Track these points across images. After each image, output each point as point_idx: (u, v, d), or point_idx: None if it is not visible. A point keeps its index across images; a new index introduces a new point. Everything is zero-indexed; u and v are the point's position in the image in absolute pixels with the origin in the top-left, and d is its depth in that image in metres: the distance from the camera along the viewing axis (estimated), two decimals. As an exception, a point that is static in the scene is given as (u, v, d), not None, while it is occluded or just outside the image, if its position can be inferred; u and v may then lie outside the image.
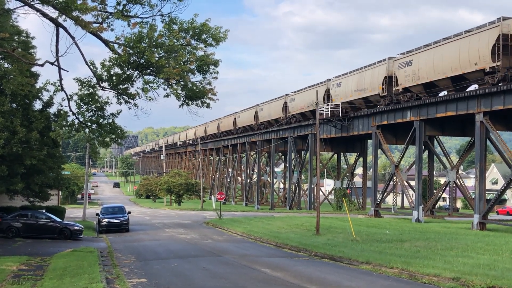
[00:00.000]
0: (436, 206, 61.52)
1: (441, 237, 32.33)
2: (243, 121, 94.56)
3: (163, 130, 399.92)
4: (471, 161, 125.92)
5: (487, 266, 20.45)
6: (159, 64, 21.53)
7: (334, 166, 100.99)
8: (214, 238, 37.04)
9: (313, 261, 25.34)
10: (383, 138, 56.40)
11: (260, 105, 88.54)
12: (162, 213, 69.32)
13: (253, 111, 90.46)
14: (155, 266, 22.53)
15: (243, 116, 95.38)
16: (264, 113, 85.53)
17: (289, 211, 71.89)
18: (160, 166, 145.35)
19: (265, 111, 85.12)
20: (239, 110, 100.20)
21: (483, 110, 42.13)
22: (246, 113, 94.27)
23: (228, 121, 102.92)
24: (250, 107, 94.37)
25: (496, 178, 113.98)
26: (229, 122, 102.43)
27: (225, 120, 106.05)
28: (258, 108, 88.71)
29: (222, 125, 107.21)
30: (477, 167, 44.11)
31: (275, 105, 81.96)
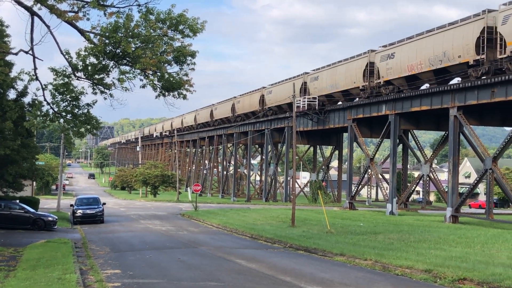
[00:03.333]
0: (409, 199, 62.23)
1: (414, 229, 32.72)
2: (220, 113, 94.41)
3: (139, 122, 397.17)
4: (444, 155, 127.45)
5: (459, 258, 20.76)
6: (135, 54, 21.43)
7: (310, 159, 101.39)
8: (190, 229, 37.01)
9: (288, 252, 25.47)
10: (359, 132, 56.79)
11: (237, 98, 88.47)
12: (138, 205, 69.01)
13: (230, 103, 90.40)
14: (130, 258, 22.46)
15: (220, 108, 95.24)
16: (241, 105, 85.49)
17: (265, 203, 72.08)
18: (136, 157, 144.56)
19: (242, 103, 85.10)
20: (216, 102, 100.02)
21: (457, 105, 42.64)
22: (223, 105, 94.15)
23: (205, 113, 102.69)
24: (227, 99, 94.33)
25: (469, 172, 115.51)
26: (206, 114, 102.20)
27: (202, 112, 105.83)
28: (235, 101, 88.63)
29: (199, 117, 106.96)
30: (450, 161, 44.68)
31: (252, 98, 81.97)
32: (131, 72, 22.60)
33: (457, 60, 41.71)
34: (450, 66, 42.85)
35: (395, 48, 49.68)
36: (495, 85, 38.73)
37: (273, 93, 74.40)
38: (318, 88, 62.52)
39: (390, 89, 50.66)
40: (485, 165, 41.23)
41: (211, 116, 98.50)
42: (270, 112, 75.48)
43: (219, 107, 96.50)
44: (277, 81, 76.21)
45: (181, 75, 23.34)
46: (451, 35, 42.75)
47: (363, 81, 53.71)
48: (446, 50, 42.69)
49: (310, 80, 64.73)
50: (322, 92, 61.57)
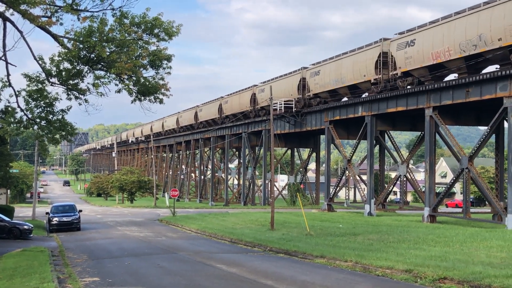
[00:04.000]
0: (387, 200, 62.59)
1: (393, 230, 32.84)
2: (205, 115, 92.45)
3: (114, 127, 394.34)
4: (420, 155, 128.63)
5: (439, 257, 20.84)
6: (110, 59, 21.16)
7: (287, 162, 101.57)
8: (168, 235, 36.71)
9: (268, 256, 25.38)
10: (336, 133, 56.97)
11: (225, 98, 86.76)
12: (114, 211, 68.36)
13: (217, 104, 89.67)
14: (108, 265, 22.15)
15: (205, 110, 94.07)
16: (228, 106, 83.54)
17: (244, 207, 71.94)
18: (112, 163, 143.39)
19: (229, 104, 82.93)
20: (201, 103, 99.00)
21: (432, 105, 42.98)
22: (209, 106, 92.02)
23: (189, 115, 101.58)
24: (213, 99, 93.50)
25: (445, 171, 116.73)
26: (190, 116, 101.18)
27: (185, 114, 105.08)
28: (222, 101, 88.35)
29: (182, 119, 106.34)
30: (427, 161, 45.01)
31: (239, 98, 79.03)
32: (106, 77, 22.32)
33: (496, 44, 36.09)
34: (488, 51, 37.25)
35: (416, 34, 44.38)
36: (470, 85, 39.12)
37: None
38: (320, 84, 58.20)
39: (409, 81, 45.70)
40: (462, 165, 41.59)
41: (195, 118, 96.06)
42: (262, 113, 72.93)
43: (204, 108, 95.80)
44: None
45: (157, 79, 23.13)
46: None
47: (375, 73, 48.52)
48: (482, 33, 37.13)
49: (310, 76, 59.57)
50: (325, 88, 57.23)
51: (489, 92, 37.66)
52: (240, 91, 79.12)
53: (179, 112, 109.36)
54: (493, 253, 21.59)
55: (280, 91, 63.90)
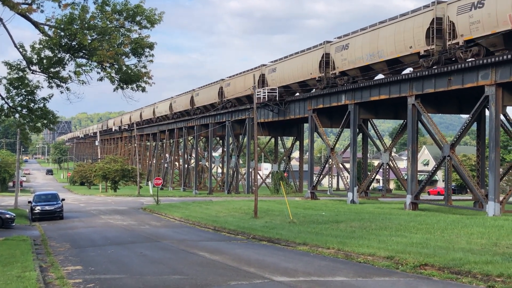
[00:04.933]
0: (370, 188, 62.98)
1: (375, 217, 33.10)
2: (180, 106, 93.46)
3: (98, 116, 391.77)
4: (403, 144, 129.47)
5: (420, 244, 21.06)
6: (92, 46, 21.05)
7: (271, 150, 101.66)
8: (152, 223, 36.69)
9: (252, 243, 25.48)
10: (319, 122, 57.13)
11: (196, 90, 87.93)
12: (98, 200, 68.12)
13: (189, 96, 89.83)
14: (91, 253, 22.11)
15: (180, 101, 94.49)
16: (200, 98, 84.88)
17: (227, 195, 72.02)
18: (95, 152, 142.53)
19: (201, 96, 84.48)
20: (176, 95, 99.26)
21: (415, 94, 43.23)
22: (182, 98, 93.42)
23: (165, 106, 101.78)
24: (186, 91, 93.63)
25: (427, 159, 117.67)
26: (165, 107, 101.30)
27: (161, 105, 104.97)
28: (194, 93, 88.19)
29: (158, 110, 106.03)
30: (409, 149, 45.34)
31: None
32: (88, 64, 22.22)
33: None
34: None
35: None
36: (452, 73, 39.39)
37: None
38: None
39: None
40: (444, 152, 41.95)
41: (170, 109, 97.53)
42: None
43: (178, 100, 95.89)
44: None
45: (140, 67, 23.07)
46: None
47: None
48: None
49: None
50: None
51: (471, 80, 37.95)
52: (246, 72, 72.24)
53: (155, 103, 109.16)
54: (473, 240, 21.87)
55: (297, 70, 59.30)
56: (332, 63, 52.15)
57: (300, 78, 57.96)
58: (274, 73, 63.08)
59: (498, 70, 35.80)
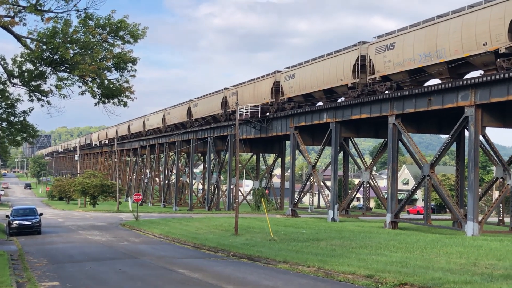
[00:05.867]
0: (350, 206, 63.09)
1: (356, 235, 33.14)
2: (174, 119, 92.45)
3: (78, 130, 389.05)
4: (383, 162, 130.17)
5: (400, 263, 21.10)
6: (74, 60, 20.95)
7: (253, 167, 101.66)
8: (131, 240, 36.34)
9: (232, 261, 25.34)
10: (301, 139, 57.29)
11: (168, 109, 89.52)
12: (76, 215, 67.37)
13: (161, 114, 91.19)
14: (69, 269, 21.82)
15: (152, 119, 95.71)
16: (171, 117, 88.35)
17: (208, 212, 71.67)
18: (74, 167, 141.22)
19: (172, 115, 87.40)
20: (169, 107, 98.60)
21: (395, 113, 43.59)
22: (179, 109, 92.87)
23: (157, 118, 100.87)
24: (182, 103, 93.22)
25: (407, 178, 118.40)
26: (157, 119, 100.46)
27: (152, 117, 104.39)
28: (165, 112, 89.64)
29: (132, 127, 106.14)
30: (389, 167, 45.58)
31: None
32: (69, 78, 22.10)
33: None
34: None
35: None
36: (432, 94, 39.82)
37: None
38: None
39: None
40: (423, 172, 42.24)
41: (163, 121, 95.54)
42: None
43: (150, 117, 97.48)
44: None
45: (122, 82, 23.00)
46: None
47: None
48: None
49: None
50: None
51: (451, 101, 38.39)
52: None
53: (146, 115, 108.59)
54: (452, 260, 21.97)
55: (322, 76, 55.92)
56: (370, 66, 45.86)
57: (327, 86, 51.50)
58: (292, 79, 57.42)
59: (478, 91, 36.26)
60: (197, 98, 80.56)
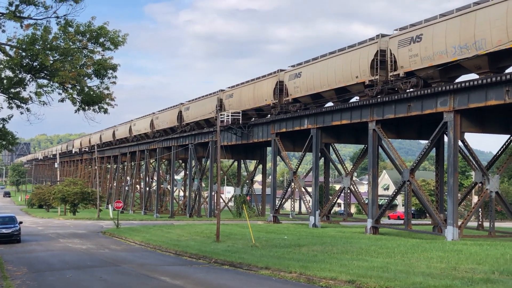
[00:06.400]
0: (331, 212, 63.32)
1: (337, 241, 33.25)
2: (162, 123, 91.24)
3: (58, 137, 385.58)
4: (364, 168, 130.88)
5: (381, 268, 21.22)
6: (53, 67, 20.83)
7: (234, 173, 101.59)
8: (112, 247, 36.09)
9: (213, 268, 25.29)
10: (282, 146, 57.41)
11: (156, 114, 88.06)
12: (56, 223, 66.72)
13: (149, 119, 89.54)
14: (49, 278, 21.61)
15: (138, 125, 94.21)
16: (159, 122, 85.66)
17: (189, 219, 71.44)
18: (54, 174, 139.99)
19: (161, 119, 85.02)
20: (135, 118, 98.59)
21: (375, 119, 43.90)
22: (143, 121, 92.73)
23: (125, 129, 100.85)
24: (146, 115, 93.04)
25: (388, 184, 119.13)
26: (125, 130, 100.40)
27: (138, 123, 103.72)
28: (154, 116, 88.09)
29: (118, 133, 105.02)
30: (370, 173, 45.85)
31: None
32: (49, 85, 21.96)
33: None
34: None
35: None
36: (412, 100, 40.18)
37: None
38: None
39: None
40: (403, 177, 42.55)
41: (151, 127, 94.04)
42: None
43: (137, 123, 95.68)
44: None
45: (102, 88, 22.90)
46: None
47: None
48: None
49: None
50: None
51: (430, 107, 38.77)
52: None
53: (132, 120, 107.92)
54: (433, 264, 22.15)
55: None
56: (392, 61, 41.76)
57: (339, 84, 46.92)
58: (298, 78, 53.25)
59: (457, 97, 36.68)
60: (189, 102, 78.19)
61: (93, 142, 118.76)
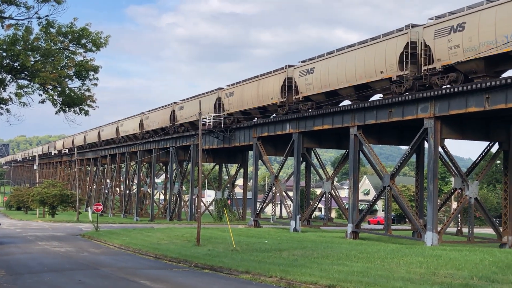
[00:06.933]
0: (312, 216, 63.45)
1: (317, 246, 33.30)
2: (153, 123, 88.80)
3: (37, 139, 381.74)
4: (345, 173, 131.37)
5: (361, 273, 21.29)
6: (34, 68, 20.67)
7: (215, 177, 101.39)
8: (91, 250, 35.79)
9: (194, 272, 25.18)
10: (264, 150, 57.44)
11: (146, 113, 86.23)
12: (35, 225, 66.05)
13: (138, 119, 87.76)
14: (28, 281, 21.36)
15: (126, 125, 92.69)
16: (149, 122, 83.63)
17: (170, 223, 71.15)
18: (33, 176, 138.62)
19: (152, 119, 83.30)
20: (122, 118, 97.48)
21: (357, 124, 44.11)
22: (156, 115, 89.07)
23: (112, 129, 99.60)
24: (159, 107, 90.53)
25: (368, 189, 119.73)
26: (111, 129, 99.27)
27: (106, 128, 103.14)
28: (143, 116, 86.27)
29: (103, 133, 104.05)
30: (351, 178, 46.05)
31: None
32: (30, 86, 21.79)
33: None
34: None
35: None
36: (393, 106, 40.44)
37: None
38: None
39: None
40: (384, 182, 42.80)
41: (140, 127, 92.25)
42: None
43: (125, 123, 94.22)
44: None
45: (83, 90, 22.77)
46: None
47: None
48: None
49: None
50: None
51: (411, 113, 39.06)
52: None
53: (101, 126, 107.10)
54: (412, 269, 22.26)
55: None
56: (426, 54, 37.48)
57: (360, 80, 42.90)
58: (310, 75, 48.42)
59: (437, 104, 36.99)
60: (182, 101, 74.81)
61: (77, 143, 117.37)
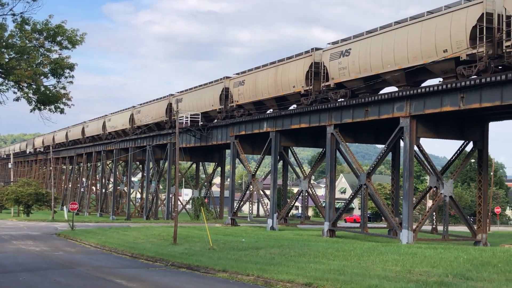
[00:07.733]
0: (289, 214, 63.66)
1: (294, 244, 33.40)
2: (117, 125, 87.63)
3: (12, 137, 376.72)
4: (321, 171, 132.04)
5: (337, 271, 21.39)
6: (9, 65, 20.41)
7: (192, 176, 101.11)
8: (66, 250, 35.46)
9: (170, 271, 25.09)
10: (241, 148, 57.46)
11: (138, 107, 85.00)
12: (9, 225, 65.23)
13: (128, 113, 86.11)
14: (1, 280, 21.08)
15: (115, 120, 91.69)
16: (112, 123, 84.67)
17: (146, 221, 70.81)
18: (8, 175, 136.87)
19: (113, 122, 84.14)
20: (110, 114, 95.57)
21: (333, 123, 44.36)
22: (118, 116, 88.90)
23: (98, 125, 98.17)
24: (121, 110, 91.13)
25: (345, 187, 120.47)
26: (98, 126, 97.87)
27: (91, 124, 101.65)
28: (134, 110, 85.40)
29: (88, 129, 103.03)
30: (327, 176, 46.29)
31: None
32: (4, 84, 21.51)
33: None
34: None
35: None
36: (369, 105, 40.74)
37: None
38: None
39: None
40: (360, 181, 43.09)
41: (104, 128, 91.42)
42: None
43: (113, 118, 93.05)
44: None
45: (59, 88, 22.55)
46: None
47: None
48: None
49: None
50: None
51: (387, 112, 39.40)
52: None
53: (85, 122, 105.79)
54: (388, 267, 22.44)
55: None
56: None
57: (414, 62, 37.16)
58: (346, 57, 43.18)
59: (413, 103, 37.36)
60: (180, 93, 70.99)
61: (58, 140, 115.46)
